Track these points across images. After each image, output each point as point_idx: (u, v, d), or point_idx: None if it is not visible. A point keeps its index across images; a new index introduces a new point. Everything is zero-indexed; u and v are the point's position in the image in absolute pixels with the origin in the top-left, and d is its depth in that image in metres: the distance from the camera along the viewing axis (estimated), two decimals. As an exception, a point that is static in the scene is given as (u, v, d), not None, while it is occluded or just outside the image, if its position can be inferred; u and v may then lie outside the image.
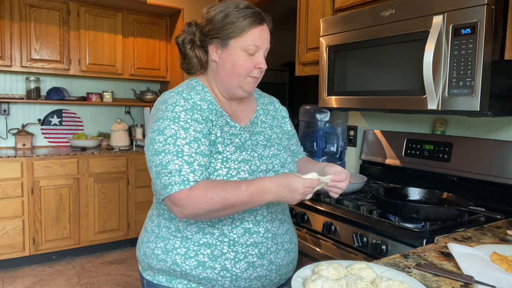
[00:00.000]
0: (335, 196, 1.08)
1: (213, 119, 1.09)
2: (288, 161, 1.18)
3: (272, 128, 1.22)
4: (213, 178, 1.03)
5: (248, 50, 1.07)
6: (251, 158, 1.08)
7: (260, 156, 1.11)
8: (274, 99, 1.35)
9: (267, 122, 1.22)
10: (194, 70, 1.16)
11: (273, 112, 1.29)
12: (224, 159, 1.04)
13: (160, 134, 1.01)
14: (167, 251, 1.08)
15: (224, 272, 1.05)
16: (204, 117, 1.06)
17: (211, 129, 1.07)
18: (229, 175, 1.03)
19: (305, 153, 1.38)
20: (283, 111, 1.33)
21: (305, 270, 0.88)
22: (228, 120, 1.13)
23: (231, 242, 1.05)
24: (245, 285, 1.08)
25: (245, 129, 1.15)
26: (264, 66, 1.10)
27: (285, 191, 0.96)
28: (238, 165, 1.05)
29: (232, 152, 1.06)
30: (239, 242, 1.06)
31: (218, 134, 1.07)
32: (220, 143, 1.06)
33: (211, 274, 1.05)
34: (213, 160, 1.04)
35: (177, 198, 0.96)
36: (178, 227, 1.08)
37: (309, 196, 1.00)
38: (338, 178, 1.04)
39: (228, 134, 1.09)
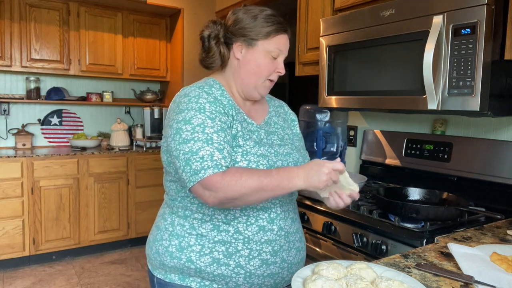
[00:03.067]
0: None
1: (233, 114, 1.12)
2: (300, 161, 1.21)
3: (284, 129, 1.26)
4: None
5: (272, 53, 1.13)
6: (268, 154, 1.11)
7: (276, 153, 1.14)
8: (283, 102, 1.39)
9: (279, 123, 1.26)
10: (215, 65, 1.19)
11: (283, 115, 1.33)
12: (244, 152, 1.07)
13: (187, 123, 1.02)
14: (182, 249, 1.09)
15: (238, 269, 1.07)
16: (225, 111, 1.09)
17: (232, 123, 1.09)
18: (249, 167, 1.06)
19: (309, 158, 1.40)
20: (292, 115, 1.37)
21: (305, 270, 0.88)
22: (245, 117, 1.16)
23: (246, 239, 1.07)
24: (258, 282, 1.10)
25: (261, 127, 1.18)
26: (283, 71, 1.16)
27: (312, 174, 0.98)
28: (257, 158, 1.08)
29: (251, 146, 1.09)
30: (254, 240, 1.07)
31: (239, 129, 1.10)
32: (241, 137, 1.09)
33: (226, 271, 1.07)
34: (233, 153, 1.06)
35: (211, 181, 0.95)
36: (193, 224, 1.09)
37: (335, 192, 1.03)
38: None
39: (246, 130, 1.12)
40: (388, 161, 2.08)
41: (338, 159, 1.07)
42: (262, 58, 1.13)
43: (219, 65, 1.19)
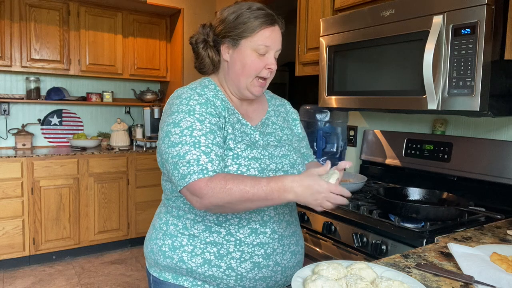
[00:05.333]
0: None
1: (226, 116, 1.10)
2: (298, 162, 1.18)
3: (283, 129, 1.23)
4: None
5: (258, 50, 1.09)
6: (261, 157, 1.09)
7: (270, 155, 1.11)
8: (285, 101, 1.36)
9: (277, 123, 1.23)
10: (206, 69, 1.18)
11: (284, 114, 1.29)
12: (235, 155, 1.05)
13: (176, 126, 1.02)
14: (174, 248, 1.09)
15: (230, 271, 1.06)
16: (217, 112, 1.08)
17: (223, 125, 1.08)
18: (239, 172, 1.04)
19: (314, 156, 1.38)
20: (294, 114, 1.34)
21: (305, 270, 0.88)
22: (240, 118, 1.14)
23: (238, 241, 1.06)
24: (250, 285, 1.08)
25: (256, 129, 1.16)
26: (274, 67, 1.11)
27: (307, 192, 0.92)
28: (248, 162, 1.05)
29: (243, 149, 1.07)
30: (246, 242, 1.06)
31: (230, 131, 1.08)
32: (232, 139, 1.07)
33: (217, 273, 1.06)
34: (224, 156, 1.04)
35: (196, 187, 0.95)
36: (186, 225, 1.09)
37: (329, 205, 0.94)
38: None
39: (239, 131, 1.10)
40: (388, 161, 2.08)
41: (341, 163, 1.03)
42: (247, 56, 1.09)
43: (211, 69, 1.17)
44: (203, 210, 0.98)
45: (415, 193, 1.66)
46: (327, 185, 0.92)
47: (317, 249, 1.69)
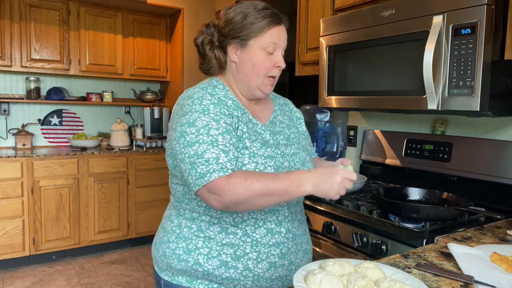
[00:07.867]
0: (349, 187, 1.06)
1: (239, 115, 1.10)
2: (307, 160, 1.19)
3: (290, 128, 1.24)
4: None
5: (267, 48, 1.09)
6: (275, 155, 1.09)
7: (282, 154, 1.12)
8: (288, 100, 1.36)
9: (284, 122, 1.24)
10: (213, 70, 1.18)
11: (289, 113, 1.30)
12: (252, 154, 1.05)
13: (191, 126, 1.01)
14: (189, 251, 1.08)
15: (247, 272, 1.06)
16: (230, 112, 1.07)
17: (237, 125, 1.07)
18: (256, 170, 1.04)
19: (316, 153, 1.40)
20: (298, 113, 1.35)
21: (312, 265, 0.89)
22: (251, 117, 1.14)
23: (254, 242, 1.06)
24: (266, 285, 1.09)
25: (266, 128, 1.16)
26: (283, 64, 1.12)
27: (323, 180, 0.95)
28: (265, 160, 1.06)
29: (258, 147, 1.07)
30: (262, 242, 1.06)
31: (245, 130, 1.08)
32: (247, 138, 1.07)
33: (234, 274, 1.06)
34: (240, 155, 1.04)
35: (216, 185, 0.94)
36: (201, 227, 1.08)
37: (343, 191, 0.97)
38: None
39: (252, 130, 1.10)
40: (388, 161, 2.08)
41: (340, 159, 1.07)
42: (257, 56, 1.09)
43: (217, 69, 1.17)
44: (221, 208, 0.97)
45: (415, 193, 1.66)
46: (341, 172, 0.96)
47: (317, 249, 1.69)
